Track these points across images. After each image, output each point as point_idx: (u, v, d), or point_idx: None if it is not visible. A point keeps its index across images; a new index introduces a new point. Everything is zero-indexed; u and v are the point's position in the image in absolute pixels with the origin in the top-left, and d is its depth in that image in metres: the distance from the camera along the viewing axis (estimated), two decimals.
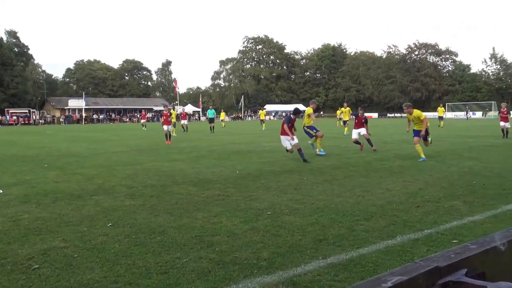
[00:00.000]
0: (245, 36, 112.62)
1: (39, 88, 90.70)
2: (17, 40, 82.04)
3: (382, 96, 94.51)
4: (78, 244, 4.64)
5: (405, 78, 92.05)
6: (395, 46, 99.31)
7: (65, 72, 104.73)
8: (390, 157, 12.54)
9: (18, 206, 6.60)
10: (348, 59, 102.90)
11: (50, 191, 7.88)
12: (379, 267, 3.85)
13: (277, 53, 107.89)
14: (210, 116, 32.98)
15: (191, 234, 4.93)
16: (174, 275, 3.75)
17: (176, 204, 6.60)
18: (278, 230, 5.04)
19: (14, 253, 4.38)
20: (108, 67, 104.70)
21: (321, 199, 6.74)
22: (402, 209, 6.02)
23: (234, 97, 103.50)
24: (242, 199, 6.87)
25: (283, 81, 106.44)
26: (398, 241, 4.58)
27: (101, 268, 3.93)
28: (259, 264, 3.97)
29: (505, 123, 18.93)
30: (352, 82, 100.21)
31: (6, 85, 73.61)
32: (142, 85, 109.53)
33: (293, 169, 10.28)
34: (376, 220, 5.46)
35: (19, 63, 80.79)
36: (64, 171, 10.53)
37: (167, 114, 17.75)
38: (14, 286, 3.56)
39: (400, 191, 7.30)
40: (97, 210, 6.25)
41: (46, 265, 4.04)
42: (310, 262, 4.01)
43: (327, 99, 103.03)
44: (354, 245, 4.47)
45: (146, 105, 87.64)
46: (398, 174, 9.29)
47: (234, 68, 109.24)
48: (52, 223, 5.55)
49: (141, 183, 8.58)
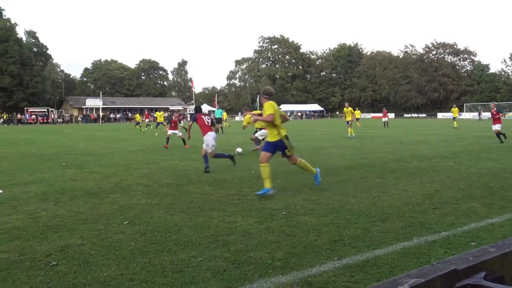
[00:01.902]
0: (261, 36, 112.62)
1: (57, 88, 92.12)
2: (36, 40, 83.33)
3: (399, 96, 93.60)
4: (95, 242, 4.70)
5: (422, 78, 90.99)
6: (412, 46, 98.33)
7: (82, 72, 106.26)
8: (407, 157, 12.40)
9: (37, 204, 6.71)
10: (364, 59, 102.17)
11: (68, 189, 8.00)
12: (395, 269, 3.82)
13: (293, 53, 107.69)
14: (218, 116, 31.82)
15: (206, 233, 4.95)
16: (190, 273, 3.77)
17: (191, 203, 6.63)
18: (293, 230, 5.03)
19: (32, 250, 4.45)
20: (125, 67, 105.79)
21: (336, 200, 6.70)
22: (419, 210, 5.96)
23: (249, 96, 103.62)
24: (257, 198, 6.88)
25: (298, 81, 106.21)
26: (415, 243, 4.53)
27: (117, 266, 3.97)
28: (274, 264, 3.97)
29: None
30: (368, 82, 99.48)
31: (26, 85, 74.89)
32: (158, 85, 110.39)
33: None
34: (392, 221, 5.41)
35: (38, 63, 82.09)
36: (81, 170, 10.67)
37: (176, 122, 17.76)
38: (33, 282, 3.62)
39: (417, 192, 7.22)
40: (113, 208, 6.32)
41: (64, 262, 4.10)
42: (325, 262, 3.99)
43: (343, 99, 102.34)
44: (370, 246, 4.44)
45: (162, 104, 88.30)
46: (415, 175, 9.19)
47: (249, 68, 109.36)
48: (69, 221, 5.63)
49: (157, 182, 8.64)
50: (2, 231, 5.16)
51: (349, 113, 23.63)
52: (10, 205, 6.63)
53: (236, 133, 30.00)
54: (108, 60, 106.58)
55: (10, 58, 72.19)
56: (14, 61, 72.45)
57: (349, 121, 23.32)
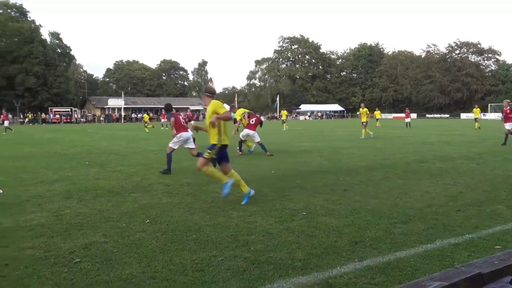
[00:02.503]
0: (281, 36, 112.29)
1: (80, 88, 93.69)
2: (60, 41, 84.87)
3: (421, 97, 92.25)
4: (117, 240, 4.77)
5: (445, 78, 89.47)
6: (434, 45, 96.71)
7: (105, 72, 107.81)
8: (429, 158, 12.22)
9: (61, 202, 6.84)
10: (385, 59, 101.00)
11: (90, 187, 8.13)
12: (417, 271, 3.77)
13: (313, 52, 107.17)
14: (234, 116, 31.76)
15: (226, 233, 4.97)
16: (210, 272, 3.79)
17: (212, 202, 6.67)
18: (314, 231, 5.02)
19: (57, 247, 4.54)
20: (146, 67, 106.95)
21: (357, 201, 6.65)
22: (441, 212, 5.86)
23: (269, 97, 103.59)
24: (277, 199, 6.87)
25: (318, 81, 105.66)
26: (438, 245, 4.46)
27: (139, 264, 4.02)
28: (294, 264, 3.96)
29: None
30: (390, 82, 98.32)
31: (50, 85, 76.42)
32: (179, 85, 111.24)
33: (329, 170, 10.18)
34: (415, 223, 5.34)
35: (62, 64, 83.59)
36: (104, 169, 10.83)
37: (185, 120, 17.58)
38: (57, 279, 3.69)
39: (440, 194, 7.11)
40: (135, 207, 6.40)
41: (87, 259, 4.17)
42: (346, 264, 3.96)
43: (363, 99, 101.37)
44: (391, 248, 4.39)
45: (183, 104, 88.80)
46: (438, 176, 9.04)
47: (269, 68, 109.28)
48: (92, 219, 5.72)
49: (177, 181, 8.71)
50: (28, 228, 5.28)
51: (365, 114, 23.30)
52: (35, 203, 6.78)
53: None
54: (129, 61, 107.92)
55: (35, 59, 73.78)
56: (38, 62, 74.04)
57: (364, 122, 22.95)
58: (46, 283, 3.61)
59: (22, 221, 5.62)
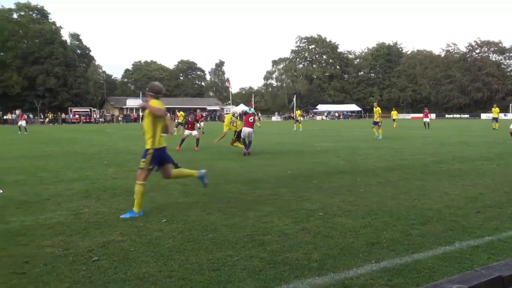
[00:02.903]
0: (298, 35, 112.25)
1: (99, 88, 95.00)
2: (79, 42, 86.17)
3: (440, 96, 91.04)
4: (134, 239, 4.81)
5: (465, 77, 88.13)
6: (454, 44, 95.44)
7: (123, 73, 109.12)
8: (448, 159, 12.04)
9: (80, 201, 6.94)
10: (404, 58, 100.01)
11: (109, 187, 8.23)
12: (435, 273, 3.72)
13: (330, 52, 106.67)
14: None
15: (242, 233, 4.98)
16: (226, 272, 3.80)
17: (228, 202, 6.69)
18: (330, 232, 4.99)
19: (75, 245, 4.61)
20: (164, 68, 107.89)
21: (374, 202, 6.59)
22: (461, 214, 5.77)
23: (286, 97, 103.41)
24: (293, 199, 6.85)
25: (336, 81, 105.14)
26: (456, 247, 4.39)
27: (156, 263, 4.05)
28: (310, 265, 3.94)
29: None
30: (408, 81, 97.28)
31: (70, 85, 77.66)
32: (196, 85, 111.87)
33: (346, 170, 10.12)
34: (433, 224, 5.26)
35: (82, 64, 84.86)
36: (122, 168, 10.95)
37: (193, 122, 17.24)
38: (76, 277, 3.75)
39: (459, 195, 7.00)
40: (152, 207, 6.45)
41: (104, 257, 4.22)
42: (363, 265, 3.93)
43: (381, 99, 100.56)
44: (409, 249, 4.34)
45: (200, 104, 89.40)
46: (457, 177, 8.91)
47: (286, 68, 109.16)
48: (110, 218, 5.79)
49: (194, 181, 8.74)
50: (47, 226, 5.36)
51: (377, 113, 22.77)
52: (55, 201, 6.89)
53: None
54: (148, 61, 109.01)
55: (55, 60, 75.09)
56: (59, 62, 75.33)
57: (378, 122, 22.33)
58: (65, 280, 3.66)
59: (42, 220, 5.72)
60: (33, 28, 76.24)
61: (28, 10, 79.52)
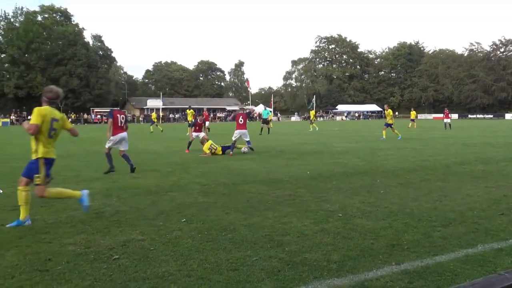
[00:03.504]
0: (318, 35, 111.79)
1: (120, 89, 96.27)
2: (101, 43, 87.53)
3: (463, 96, 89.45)
4: (154, 238, 4.86)
5: (489, 77, 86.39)
6: (478, 43, 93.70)
7: (144, 73, 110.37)
8: (471, 160, 11.82)
9: (101, 200, 7.04)
10: (425, 58, 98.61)
11: (129, 186, 8.33)
12: (457, 276, 3.65)
13: (350, 52, 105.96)
14: (264, 116, 30.43)
15: (261, 233, 4.98)
16: (244, 272, 3.80)
17: (247, 202, 6.69)
18: (349, 233, 4.95)
19: (96, 243, 4.68)
20: (184, 68, 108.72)
21: (395, 203, 6.51)
22: (484, 216, 5.66)
23: (305, 97, 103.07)
24: (312, 199, 6.82)
25: (356, 81, 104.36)
26: (479, 250, 4.30)
27: (175, 262, 4.08)
28: (329, 266, 3.92)
29: None
30: (430, 81, 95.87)
31: (92, 86, 78.97)
32: (216, 86, 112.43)
33: (366, 171, 10.02)
34: (455, 226, 5.17)
35: (103, 65, 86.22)
36: (142, 168, 11.06)
37: (201, 124, 16.74)
38: (97, 274, 3.80)
39: (482, 197, 6.86)
40: (172, 206, 6.50)
41: (125, 256, 4.27)
42: (383, 267, 3.88)
43: (402, 99, 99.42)
44: (430, 252, 4.27)
45: (220, 105, 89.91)
46: (480, 179, 8.74)
47: (306, 68, 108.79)
48: (131, 217, 5.86)
49: (213, 181, 8.80)
50: (70, 225, 5.46)
51: (389, 115, 22.32)
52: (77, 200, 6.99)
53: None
54: (168, 62, 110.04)
55: (78, 61, 76.48)
56: (81, 64, 76.69)
57: (390, 124, 21.84)
58: (86, 278, 3.72)
59: (65, 218, 5.83)
60: (56, 30, 77.82)
61: (52, 12, 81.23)
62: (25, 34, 72.65)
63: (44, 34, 77.35)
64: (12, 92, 72.61)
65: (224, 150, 14.55)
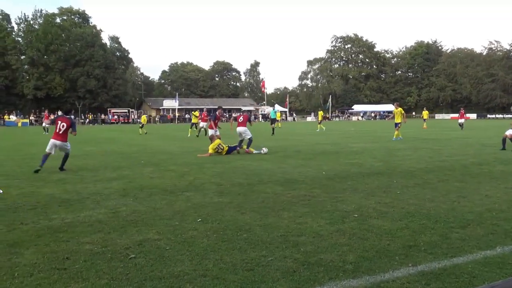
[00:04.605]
0: (334, 35, 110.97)
1: (137, 89, 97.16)
2: (119, 45, 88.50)
3: (482, 96, 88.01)
4: (170, 237, 4.89)
5: (509, 76, 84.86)
6: (497, 42, 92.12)
7: (160, 74, 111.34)
8: (490, 161, 11.62)
9: (118, 199, 7.11)
10: (443, 57, 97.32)
11: (145, 186, 8.39)
12: (475, 278, 3.59)
13: (367, 52, 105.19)
14: (272, 116, 30.45)
15: (276, 233, 4.97)
16: (260, 272, 3.80)
17: (262, 202, 6.69)
18: (365, 234, 4.91)
19: (113, 243, 4.72)
20: (200, 69, 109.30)
21: (411, 204, 6.44)
22: (503, 217, 5.56)
23: (321, 97, 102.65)
24: (328, 200, 6.79)
25: (372, 81, 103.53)
26: (498, 252, 4.23)
27: (190, 261, 4.10)
28: (344, 267, 3.90)
29: None
30: (448, 81, 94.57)
31: (109, 87, 79.92)
32: (231, 86, 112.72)
33: (382, 171, 9.93)
34: (473, 228, 5.09)
35: (121, 66, 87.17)
36: (158, 168, 11.14)
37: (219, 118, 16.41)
38: (113, 273, 3.84)
39: (501, 198, 6.74)
40: (187, 206, 6.53)
41: (141, 255, 4.30)
42: (399, 268, 3.85)
43: (419, 99, 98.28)
44: (447, 253, 4.21)
45: (235, 105, 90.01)
46: (499, 179, 8.59)
47: (321, 68, 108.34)
48: (147, 216, 5.90)
49: (229, 181, 8.81)
50: (87, 224, 5.53)
51: (399, 114, 22.01)
52: (94, 200, 7.09)
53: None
54: (184, 63, 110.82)
55: (95, 62, 77.47)
56: (99, 65, 77.66)
57: (398, 123, 21.60)
58: (103, 277, 3.76)
59: (82, 217, 5.90)
60: (74, 32, 78.95)
61: (70, 14, 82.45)
62: (44, 36, 73.87)
63: (63, 36, 78.55)
64: (31, 93, 73.93)
65: (230, 151, 14.64)
